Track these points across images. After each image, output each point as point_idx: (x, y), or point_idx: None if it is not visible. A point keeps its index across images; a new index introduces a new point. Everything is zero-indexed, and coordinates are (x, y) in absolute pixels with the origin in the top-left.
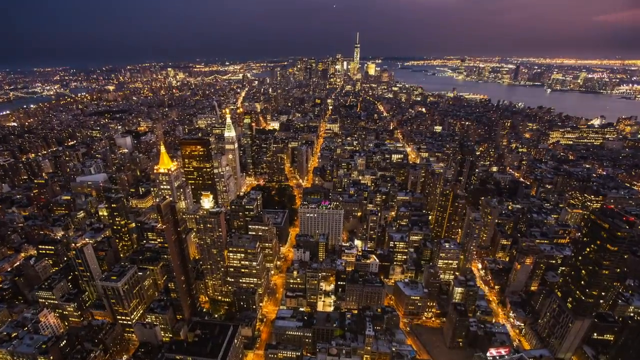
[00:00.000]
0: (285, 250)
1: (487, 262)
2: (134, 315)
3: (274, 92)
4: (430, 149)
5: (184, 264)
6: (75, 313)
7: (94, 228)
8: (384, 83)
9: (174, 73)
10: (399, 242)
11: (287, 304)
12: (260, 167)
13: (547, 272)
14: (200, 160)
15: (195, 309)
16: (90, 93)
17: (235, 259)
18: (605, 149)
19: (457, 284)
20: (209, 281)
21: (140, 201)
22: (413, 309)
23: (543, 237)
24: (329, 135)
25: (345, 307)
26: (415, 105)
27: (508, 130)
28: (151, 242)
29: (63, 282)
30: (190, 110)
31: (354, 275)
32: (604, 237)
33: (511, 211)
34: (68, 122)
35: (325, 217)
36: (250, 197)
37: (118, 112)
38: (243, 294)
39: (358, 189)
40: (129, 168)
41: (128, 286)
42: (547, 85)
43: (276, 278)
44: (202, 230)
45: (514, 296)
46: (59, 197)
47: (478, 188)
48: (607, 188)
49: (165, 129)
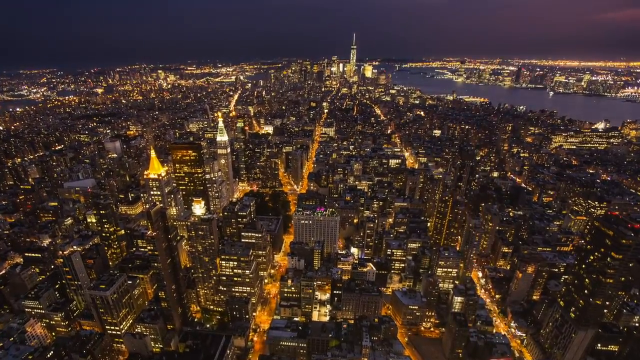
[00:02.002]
0: (279, 258)
1: (488, 270)
2: (123, 325)
3: (267, 95)
4: (429, 154)
5: (174, 273)
6: (62, 323)
7: (82, 235)
8: (381, 86)
9: (164, 75)
10: (397, 249)
11: (281, 313)
12: (254, 172)
13: (550, 281)
14: (191, 166)
15: (186, 318)
16: (78, 96)
17: (228, 267)
18: (610, 154)
19: (457, 293)
20: (200, 290)
21: (130, 207)
22: (411, 319)
23: (545, 244)
24: (325, 140)
25: (341, 317)
26: (413, 109)
27: (509, 135)
28: (141, 249)
29: (50, 291)
30: (182, 113)
31: (350, 284)
32: (608, 245)
33: (512, 218)
34: (55, 126)
35: (320, 224)
36: (243, 203)
37: (107, 116)
38: (236, 304)
39: (354, 195)
40: (118, 173)
41: (117, 295)
42: (550, 87)
43: (270, 287)
44: (193, 237)
45: (515, 305)
46: (45, 203)
47: (478, 194)
48: (611, 194)
49: (156, 133)
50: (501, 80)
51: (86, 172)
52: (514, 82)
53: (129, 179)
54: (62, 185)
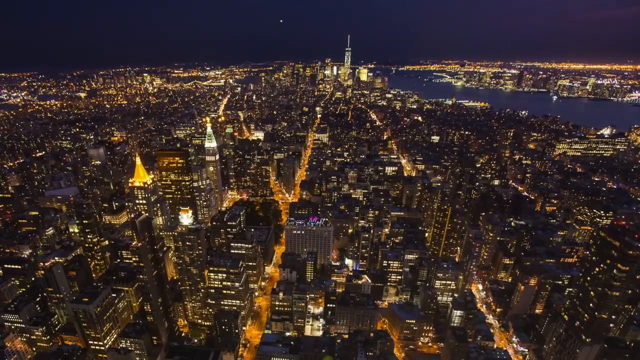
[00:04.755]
0: (271, 270)
1: (488, 282)
2: (107, 340)
3: (258, 100)
4: (427, 161)
5: (161, 285)
6: (43, 338)
7: (64, 246)
8: (377, 90)
9: (150, 79)
10: (393, 261)
11: (272, 328)
12: (244, 180)
13: (553, 294)
14: (178, 173)
15: (173, 333)
16: (61, 100)
17: (217, 280)
18: (616, 161)
19: (456, 307)
20: (188, 303)
21: (114, 217)
22: (408, 334)
23: (549, 256)
24: (318, 146)
25: (335, 332)
26: (410, 114)
27: (511, 141)
28: (126, 261)
29: (30, 305)
30: (168, 119)
31: (344, 297)
32: (614, 256)
33: (514, 228)
34: (36, 132)
35: (313, 234)
36: (232, 212)
37: (90, 121)
38: (225, 317)
39: (349, 204)
40: (102, 181)
41: (101, 309)
42: (553, 91)
43: (260, 300)
44: (180, 248)
45: (517, 320)
46: (26, 213)
47: (478, 203)
48: (617, 203)
49: (141, 139)
50: (502, 84)
51: (68, 180)
52: (516, 86)
53: (113, 187)
54: (43, 193)
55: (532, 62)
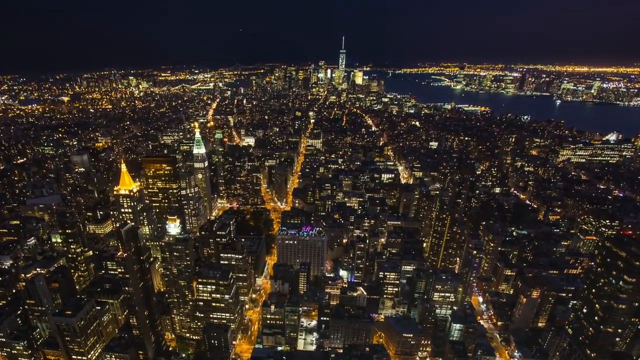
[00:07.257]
0: (262, 281)
1: (489, 295)
2: (91, 355)
3: (248, 104)
4: (424, 168)
5: (147, 297)
6: (25, 352)
7: (46, 257)
8: (372, 93)
9: (136, 82)
10: (390, 272)
11: (263, 342)
12: (234, 188)
13: (557, 307)
14: (165, 181)
15: (160, 347)
16: (43, 104)
17: (205, 292)
18: (623, 168)
19: (455, 320)
20: (175, 316)
21: (99, 226)
22: (405, 348)
23: (552, 267)
24: (311, 152)
25: (329, 346)
26: (408, 119)
27: (512, 147)
28: (111, 272)
29: (11, 318)
30: (155, 124)
31: (338, 310)
32: (620, 268)
33: (516, 238)
34: (17, 137)
35: (306, 244)
36: (222, 221)
37: (73, 126)
38: (214, 331)
39: (343, 212)
40: (86, 189)
41: (84, 322)
42: (557, 95)
43: (251, 313)
44: (167, 259)
45: (519, 333)
46: (6, 222)
47: (479, 212)
48: (624, 212)
49: (127, 145)
50: (504, 88)
51: (51, 188)
52: (518, 90)
53: (97, 195)
54: (24, 202)
55: (534, 64)
